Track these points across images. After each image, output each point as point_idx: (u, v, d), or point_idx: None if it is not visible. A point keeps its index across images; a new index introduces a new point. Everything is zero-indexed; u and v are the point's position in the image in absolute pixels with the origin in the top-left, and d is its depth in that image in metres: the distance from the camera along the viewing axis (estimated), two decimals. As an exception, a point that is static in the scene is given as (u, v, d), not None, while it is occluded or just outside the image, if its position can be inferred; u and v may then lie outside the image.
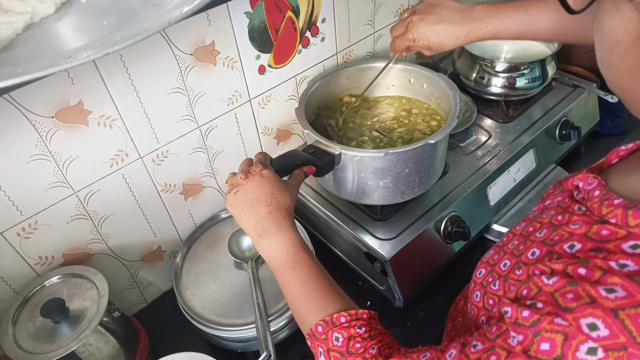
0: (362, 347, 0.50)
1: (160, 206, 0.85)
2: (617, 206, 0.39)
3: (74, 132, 0.67)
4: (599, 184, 0.43)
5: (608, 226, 0.39)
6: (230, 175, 0.66)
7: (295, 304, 0.56)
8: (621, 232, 0.38)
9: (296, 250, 0.58)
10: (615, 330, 0.32)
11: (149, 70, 0.70)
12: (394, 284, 0.81)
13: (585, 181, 0.45)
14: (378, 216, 0.85)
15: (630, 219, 0.38)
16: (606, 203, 0.40)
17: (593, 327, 0.33)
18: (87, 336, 0.65)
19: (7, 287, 0.71)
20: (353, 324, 0.51)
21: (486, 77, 1.05)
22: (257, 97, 0.88)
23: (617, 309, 0.33)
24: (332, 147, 0.73)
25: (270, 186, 0.61)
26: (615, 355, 0.32)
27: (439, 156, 0.81)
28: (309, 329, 0.53)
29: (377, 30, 1.04)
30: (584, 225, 0.41)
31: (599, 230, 0.39)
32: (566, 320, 0.35)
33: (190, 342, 0.85)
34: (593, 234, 0.40)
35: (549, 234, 0.45)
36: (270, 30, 0.82)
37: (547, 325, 0.35)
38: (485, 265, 0.52)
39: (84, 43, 0.38)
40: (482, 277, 0.51)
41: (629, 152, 0.48)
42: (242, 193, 0.61)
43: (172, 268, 0.84)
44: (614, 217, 0.39)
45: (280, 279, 0.58)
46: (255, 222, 0.60)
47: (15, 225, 0.67)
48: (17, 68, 0.34)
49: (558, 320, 0.35)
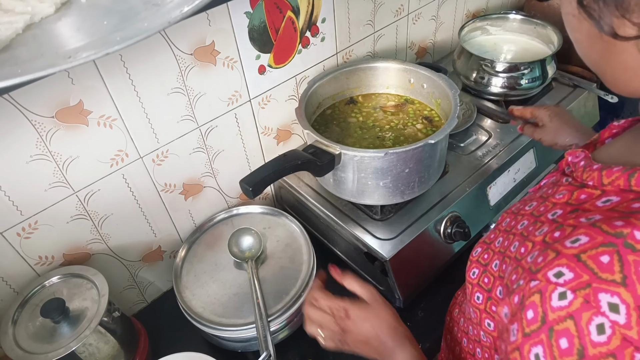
0: None
1: (160, 206, 0.85)
2: (594, 170, 0.41)
3: (74, 132, 0.67)
4: (585, 156, 0.45)
5: (586, 190, 0.41)
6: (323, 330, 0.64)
7: None
8: (596, 192, 0.40)
9: None
10: (578, 272, 0.34)
11: (149, 70, 0.70)
12: (394, 284, 0.81)
13: (573, 155, 0.47)
14: (378, 216, 0.85)
15: (604, 178, 0.40)
16: (587, 169, 0.43)
17: (559, 274, 0.35)
18: (87, 336, 0.65)
19: (7, 287, 0.71)
20: None
21: (486, 77, 1.05)
22: (257, 97, 0.88)
23: (579, 254, 0.35)
24: (332, 147, 0.73)
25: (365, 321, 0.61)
26: (583, 294, 0.33)
27: (439, 156, 0.81)
28: None
29: (377, 30, 1.04)
30: (567, 193, 0.43)
31: (579, 195, 0.42)
32: (537, 279, 0.36)
33: (190, 342, 0.85)
34: (574, 200, 0.42)
35: (537, 206, 0.47)
36: (270, 30, 0.82)
37: (528, 292, 0.37)
38: (482, 244, 0.53)
39: (84, 43, 0.38)
40: (477, 255, 0.53)
41: (621, 129, 0.50)
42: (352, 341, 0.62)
43: (172, 268, 0.84)
44: (592, 180, 0.41)
45: None
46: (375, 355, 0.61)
47: (15, 225, 0.67)
48: (17, 68, 0.34)
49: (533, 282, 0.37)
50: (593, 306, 0.33)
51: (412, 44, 1.17)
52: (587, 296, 0.33)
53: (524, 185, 1.00)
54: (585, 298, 0.33)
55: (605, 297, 0.32)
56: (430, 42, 1.23)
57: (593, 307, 0.33)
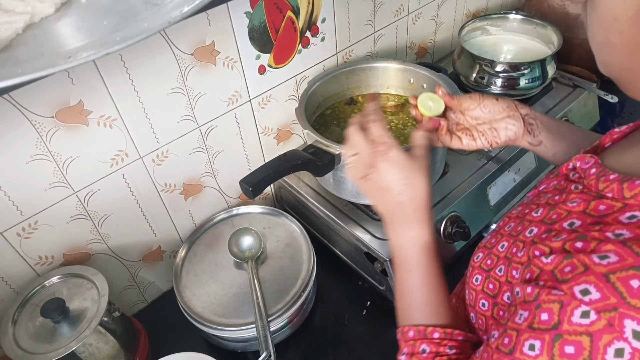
0: None
1: (160, 206, 0.85)
2: (612, 180, 0.40)
3: (74, 132, 0.67)
4: (595, 162, 0.44)
5: (605, 200, 0.40)
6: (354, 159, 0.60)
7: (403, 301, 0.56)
8: (617, 204, 0.39)
9: (418, 251, 0.56)
10: (606, 293, 0.33)
11: (149, 70, 0.70)
12: (394, 284, 0.81)
13: (582, 161, 0.46)
14: (378, 216, 0.85)
15: (625, 191, 0.39)
16: (602, 179, 0.41)
17: (585, 292, 0.34)
18: (87, 336, 0.65)
19: (7, 287, 0.71)
20: (445, 342, 0.51)
21: (486, 77, 1.05)
22: (257, 97, 0.88)
23: (608, 273, 0.34)
24: (332, 147, 0.73)
25: (399, 171, 0.56)
26: (607, 316, 0.32)
27: (439, 156, 0.81)
28: (402, 325, 0.54)
29: (377, 30, 1.04)
30: (582, 202, 0.42)
31: (597, 205, 0.40)
32: (562, 290, 0.36)
33: (190, 342, 0.85)
34: (591, 210, 0.41)
35: (546, 212, 0.46)
36: (270, 30, 0.82)
37: (546, 296, 0.36)
38: (483, 249, 0.52)
39: (84, 43, 0.38)
40: (479, 260, 0.51)
41: (622, 135, 0.49)
42: (372, 181, 0.58)
43: (172, 268, 0.84)
44: (610, 191, 0.40)
45: (396, 273, 0.58)
46: (384, 211, 0.58)
47: (15, 225, 0.67)
48: (17, 68, 0.34)
49: (555, 291, 0.36)
50: (616, 330, 0.32)
51: (412, 44, 1.17)
52: (612, 319, 0.32)
53: (524, 185, 1.00)
54: (609, 321, 0.32)
55: (630, 324, 0.32)
56: (430, 42, 1.23)
57: (616, 332, 0.32)
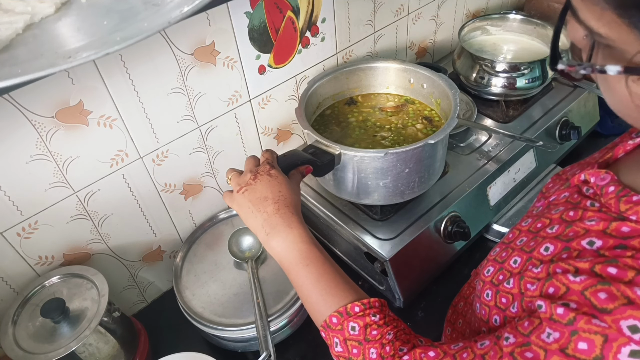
0: (378, 334, 0.51)
1: (160, 206, 0.85)
2: (636, 202, 0.39)
3: (74, 132, 0.67)
4: (612, 180, 0.43)
5: (629, 223, 0.39)
6: (235, 174, 0.66)
7: (310, 300, 0.56)
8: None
9: (307, 247, 0.57)
10: None
11: (149, 70, 0.70)
12: (394, 284, 0.81)
13: (597, 176, 0.44)
14: (378, 216, 0.85)
15: None
16: (624, 199, 0.40)
17: (635, 329, 0.33)
18: (87, 336, 0.65)
19: (7, 287, 0.71)
20: (367, 312, 0.52)
21: (486, 77, 1.05)
22: (257, 97, 0.88)
23: None
24: (332, 147, 0.73)
25: (278, 184, 0.61)
26: None
27: (439, 156, 0.81)
28: (322, 321, 0.54)
29: (377, 30, 1.04)
30: (601, 221, 0.41)
31: (619, 227, 0.39)
32: (604, 322, 0.34)
33: (190, 342, 0.85)
34: (612, 231, 0.40)
35: (561, 230, 0.44)
36: (270, 30, 0.82)
37: (585, 325, 0.35)
38: (493, 263, 0.51)
39: (84, 43, 0.38)
40: (490, 275, 0.51)
41: (635, 146, 0.48)
42: (250, 192, 0.61)
43: (172, 268, 0.84)
44: (635, 214, 0.39)
45: (293, 277, 0.58)
46: (263, 221, 0.59)
47: (15, 225, 0.67)
48: (17, 68, 0.34)
49: (596, 321, 0.35)
50: None
51: (412, 44, 1.17)
52: None
53: (524, 185, 1.00)
54: None
55: None
56: (430, 42, 1.23)
57: None
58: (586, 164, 0.55)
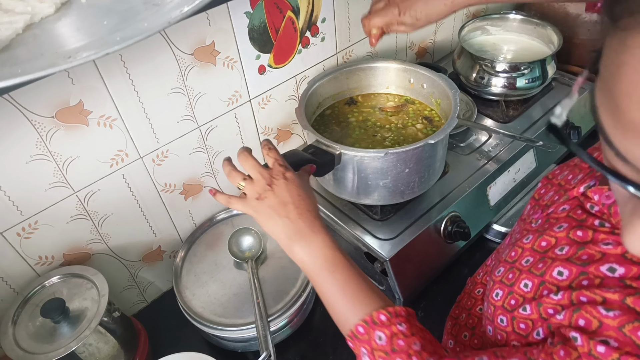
0: (405, 344, 0.49)
1: (160, 206, 0.85)
2: None
3: (74, 132, 0.67)
4: None
5: None
6: (248, 181, 0.61)
7: (336, 308, 0.55)
8: None
9: (333, 252, 0.56)
10: None
11: (149, 70, 0.70)
12: (394, 284, 0.81)
13: (601, 194, 0.42)
14: (378, 216, 0.85)
15: None
16: None
17: None
18: (87, 336, 0.65)
19: (7, 287, 0.71)
20: (393, 320, 0.51)
21: (486, 77, 1.05)
22: (257, 97, 0.88)
23: None
24: (332, 147, 0.73)
25: (296, 188, 0.59)
26: None
27: (439, 156, 0.81)
28: (349, 330, 0.52)
29: (377, 30, 1.04)
30: (619, 245, 0.39)
31: None
32: None
33: (190, 342, 0.85)
34: (633, 256, 0.38)
35: (572, 251, 0.43)
36: (270, 30, 0.82)
37: None
38: (500, 285, 0.50)
39: (84, 43, 0.38)
40: (501, 299, 0.49)
41: None
42: (269, 198, 0.58)
43: (172, 268, 0.84)
44: None
45: (318, 284, 0.56)
46: (284, 225, 0.57)
47: (15, 225, 0.67)
48: (17, 68, 0.34)
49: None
50: None
51: (412, 44, 1.17)
52: None
53: (524, 185, 1.00)
54: None
55: None
56: (430, 42, 1.23)
57: None
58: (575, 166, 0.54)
